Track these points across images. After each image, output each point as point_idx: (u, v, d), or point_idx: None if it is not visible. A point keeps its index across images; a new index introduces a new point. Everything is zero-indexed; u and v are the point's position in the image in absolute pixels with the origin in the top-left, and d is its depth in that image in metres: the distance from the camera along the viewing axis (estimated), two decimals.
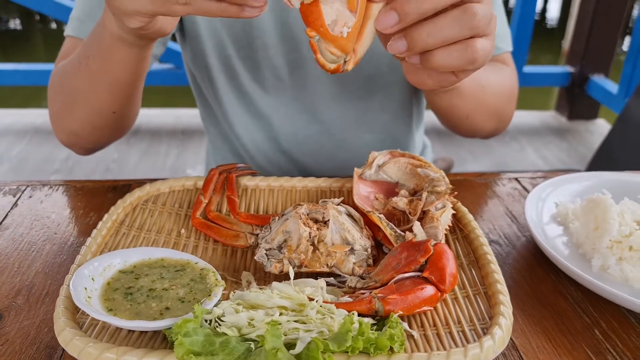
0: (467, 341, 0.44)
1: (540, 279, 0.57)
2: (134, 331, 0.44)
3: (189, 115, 2.82)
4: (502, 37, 0.88)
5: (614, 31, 2.79)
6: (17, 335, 0.47)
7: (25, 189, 0.71)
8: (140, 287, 0.47)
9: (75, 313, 0.45)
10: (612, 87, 2.69)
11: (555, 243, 0.61)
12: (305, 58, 0.81)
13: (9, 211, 0.66)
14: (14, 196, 0.70)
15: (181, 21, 0.82)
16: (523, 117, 2.97)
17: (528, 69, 2.90)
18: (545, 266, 0.58)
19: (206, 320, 0.43)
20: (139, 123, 2.49)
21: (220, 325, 0.42)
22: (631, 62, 2.52)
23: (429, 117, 0.93)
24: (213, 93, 0.87)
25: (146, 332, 0.44)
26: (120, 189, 0.72)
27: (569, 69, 2.91)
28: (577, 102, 2.92)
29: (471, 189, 0.75)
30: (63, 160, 2.36)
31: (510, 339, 0.48)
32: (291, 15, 0.77)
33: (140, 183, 0.72)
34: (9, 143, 2.50)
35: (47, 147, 2.45)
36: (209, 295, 0.45)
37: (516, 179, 0.78)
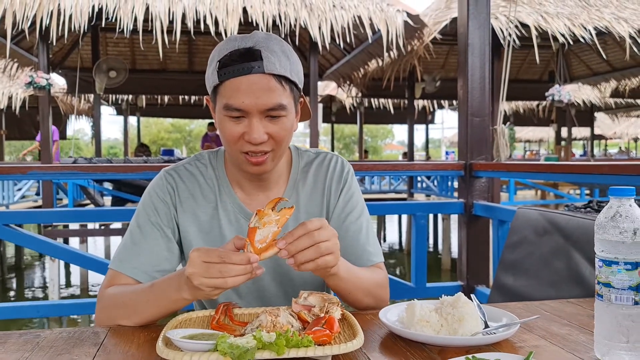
0: None
1: (389, 342, 1.06)
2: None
3: None
4: (376, 253, 1.34)
5: (485, 253, 3.57)
6: None
7: (108, 331, 1.16)
8: (194, 339, 0.94)
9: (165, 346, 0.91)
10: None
11: (396, 326, 1.12)
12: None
13: (102, 341, 1.11)
14: (103, 336, 1.15)
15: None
16: None
17: (429, 284, 3.55)
18: (390, 336, 1.08)
19: None
20: None
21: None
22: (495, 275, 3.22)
23: None
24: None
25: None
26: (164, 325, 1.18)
27: (460, 282, 3.58)
28: None
29: (362, 315, 1.26)
30: None
31: (364, 352, 0.96)
32: None
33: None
34: None
35: None
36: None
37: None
